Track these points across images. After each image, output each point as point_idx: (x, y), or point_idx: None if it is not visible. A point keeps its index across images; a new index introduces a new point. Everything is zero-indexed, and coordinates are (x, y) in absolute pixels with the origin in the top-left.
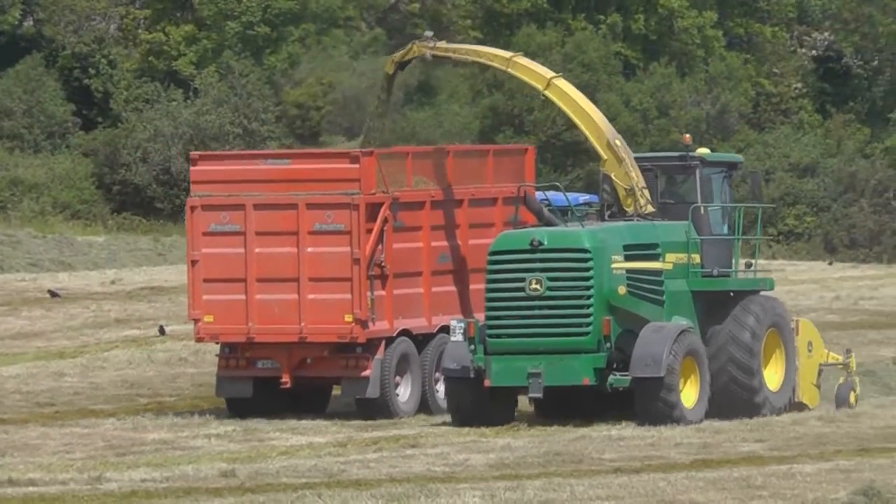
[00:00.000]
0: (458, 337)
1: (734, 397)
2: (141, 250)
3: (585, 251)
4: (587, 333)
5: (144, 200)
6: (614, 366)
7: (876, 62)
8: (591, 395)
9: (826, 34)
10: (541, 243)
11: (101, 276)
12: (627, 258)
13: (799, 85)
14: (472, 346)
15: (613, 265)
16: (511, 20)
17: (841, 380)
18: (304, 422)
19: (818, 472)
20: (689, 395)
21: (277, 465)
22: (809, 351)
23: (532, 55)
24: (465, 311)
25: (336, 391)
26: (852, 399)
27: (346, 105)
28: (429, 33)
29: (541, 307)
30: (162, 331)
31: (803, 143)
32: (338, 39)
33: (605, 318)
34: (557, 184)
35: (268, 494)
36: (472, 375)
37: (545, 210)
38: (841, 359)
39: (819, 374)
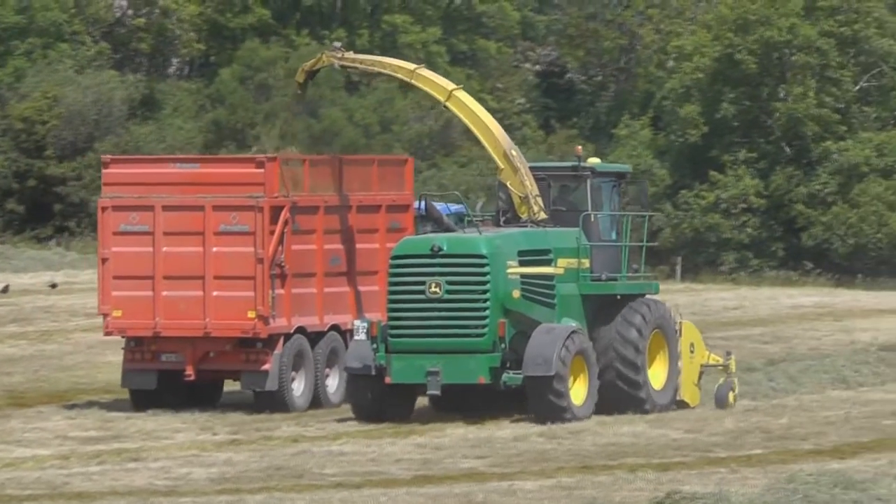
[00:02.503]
0: (361, 336)
1: (620, 395)
2: None
3: (482, 257)
4: (483, 335)
5: None
6: (508, 365)
7: (600, 77)
8: (485, 392)
9: (550, 49)
10: (440, 249)
11: None
12: (522, 263)
13: (522, 100)
14: (375, 345)
15: (508, 270)
16: (236, 34)
17: (721, 380)
18: (27, 434)
19: (539, 488)
20: (579, 392)
21: (1, 477)
22: (691, 352)
23: (256, 69)
24: (353, 311)
25: (229, 384)
26: (731, 399)
27: (72, 119)
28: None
29: (440, 309)
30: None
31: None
32: (63, 53)
33: (500, 320)
34: (457, 193)
35: None
36: (373, 373)
37: (445, 217)
38: (721, 360)
39: (700, 374)
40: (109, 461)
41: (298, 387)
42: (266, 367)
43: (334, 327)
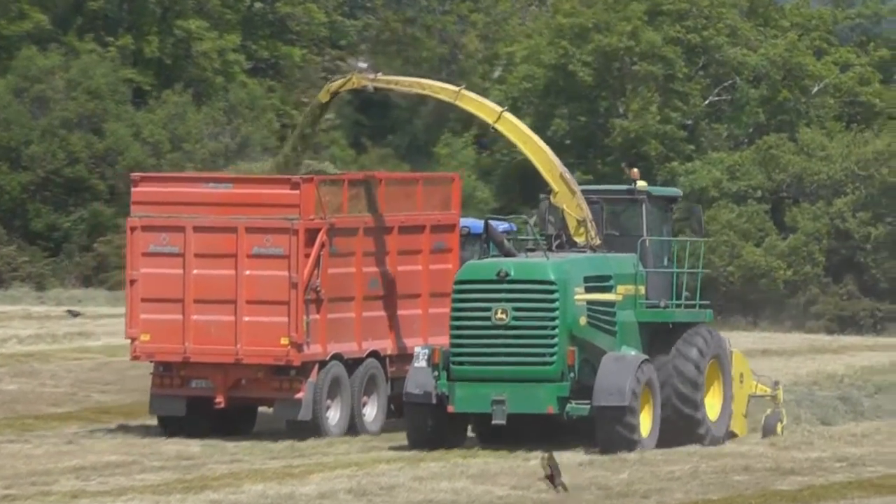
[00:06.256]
0: (421, 363)
1: (679, 428)
2: None
3: (551, 283)
4: (552, 363)
5: None
6: (569, 395)
7: None
8: (534, 423)
9: (363, 59)
10: (507, 274)
11: None
12: (587, 290)
13: (331, 116)
14: (436, 373)
15: (576, 296)
16: (11, 42)
17: (768, 410)
18: None
19: None
20: (645, 423)
21: None
22: (741, 382)
23: (33, 80)
24: (393, 337)
25: (263, 411)
26: (779, 429)
27: None
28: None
29: (506, 336)
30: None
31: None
32: None
33: (569, 348)
34: (524, 216)
35: None
36: (434, 401)
37: (507, 241)
38: (769, 391)
39: (747, 404)
40: None
41: (334, 415)
42: (299, 395)
43: (373, 353)
